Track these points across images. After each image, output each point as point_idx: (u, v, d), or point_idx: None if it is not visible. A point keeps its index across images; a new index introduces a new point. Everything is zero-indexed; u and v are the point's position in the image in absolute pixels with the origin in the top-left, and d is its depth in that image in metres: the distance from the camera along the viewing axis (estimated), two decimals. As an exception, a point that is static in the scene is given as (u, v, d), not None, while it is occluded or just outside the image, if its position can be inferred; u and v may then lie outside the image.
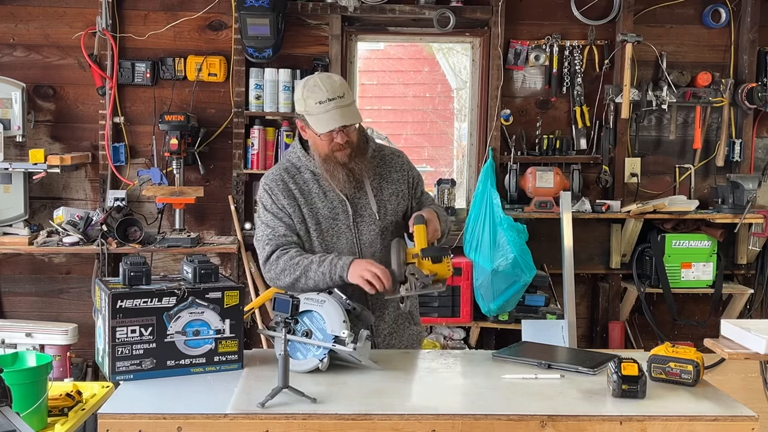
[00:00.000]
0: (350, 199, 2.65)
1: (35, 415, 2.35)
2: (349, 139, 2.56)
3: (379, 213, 2.66)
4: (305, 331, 2.38)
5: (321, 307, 2.38)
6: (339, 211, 2.65)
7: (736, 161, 4.80)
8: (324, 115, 2.51)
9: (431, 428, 2.03)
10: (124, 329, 2.26)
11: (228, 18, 4.68)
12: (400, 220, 2.73)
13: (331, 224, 2.64)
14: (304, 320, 2.40)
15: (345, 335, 2.31)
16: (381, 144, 2.81)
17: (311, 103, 2.52)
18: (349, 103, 2.55)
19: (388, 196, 2.70)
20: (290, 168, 2.70)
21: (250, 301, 4.26)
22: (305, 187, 2.66)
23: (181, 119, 4.42)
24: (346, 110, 2.53)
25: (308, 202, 2.65)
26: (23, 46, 4.68)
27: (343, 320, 2.34)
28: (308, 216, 2.64)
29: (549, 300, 4.59)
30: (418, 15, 4.64)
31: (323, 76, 2.58)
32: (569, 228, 4.47)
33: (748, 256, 4.83)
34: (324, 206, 2.64)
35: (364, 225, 2.66)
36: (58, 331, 4.08)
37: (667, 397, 2.21)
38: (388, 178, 2.72)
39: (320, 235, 2.64)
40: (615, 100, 4.69)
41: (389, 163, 2.75)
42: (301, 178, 2.67)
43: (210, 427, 2.02)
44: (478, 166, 4.81)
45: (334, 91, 2.51)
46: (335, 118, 2.51)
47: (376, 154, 2.73)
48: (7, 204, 4.43)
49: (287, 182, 2.66)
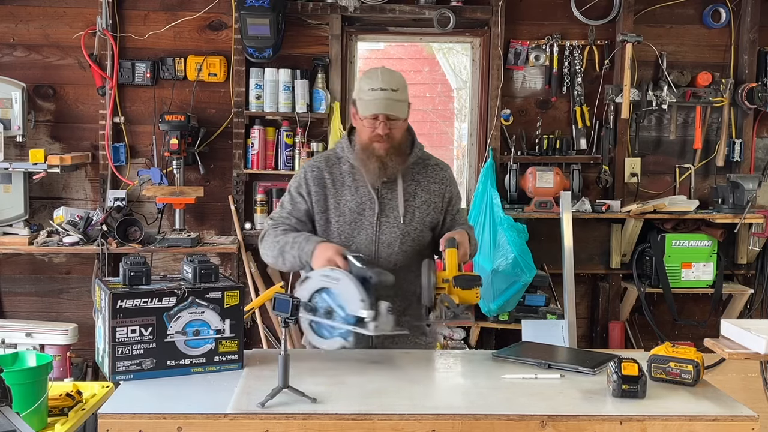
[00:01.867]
0: (379, 197, 2.65)
1: (35, 415, 2.35)
2: (390, 133, 2.57)
3: (405, 217, 2.65)
4: (326, 310, 2.34)
5: (337, 284, 2.34)
6: (366, 207, 2.65)
7: (736, 161, 4.80)
8: (371, 101, 2.54)
9: (431, 428, 2.03)
10: (124, 329, 2.26)
11: (228, 18, 4.68)
12: (426, 231, 2.71)
13: (355, 218, 2.65)
14: (324, 297, 2.36)
15: (365, 315, 2.26)
16: (430, 154, 2.80)
17: (364, 87, 2.56)
18: (401, 99, 2.57)
19: (419, 204, 2.69)
20: (332, 157, 2.73)
21: (250, 301, 4.27)
22: (340, 177, 2.67)
23: (181, 119, 4.43)
24: (394, 103, 2.55)
25: (337, 192, 2.66)
26: (23, 46, 4.69)
27: (360, 299, 2.28)
28: (333, 206, 2.65)
29: (549, 300, 4.59)
30: (418, 15, 4.64)
31: (385, 69, 2.61)
32: (569, 228, 4.47)
33: (748, 256, 4.83)
34: (353, 199, 2.65)
35: (387, 225, 2.65)
36: (58, 331, 4.08)
37: (667, 397, 2.21)
38: (425, 186, 2.71)
39: (341, 226, 2.65)
40: (615, 100, 4.69)
41: (431, 173, 2.74)
42: (338, 169, 2.69)
43: (210, 427, 2.02)
44: (478, 166, 4.81)
45: (388, 83, 2.54)
46: (380, 105, 2.54)
47: (420, 161, 2.73)
48: (7, 204, 4.43)
49: (323, 170, 2.69)
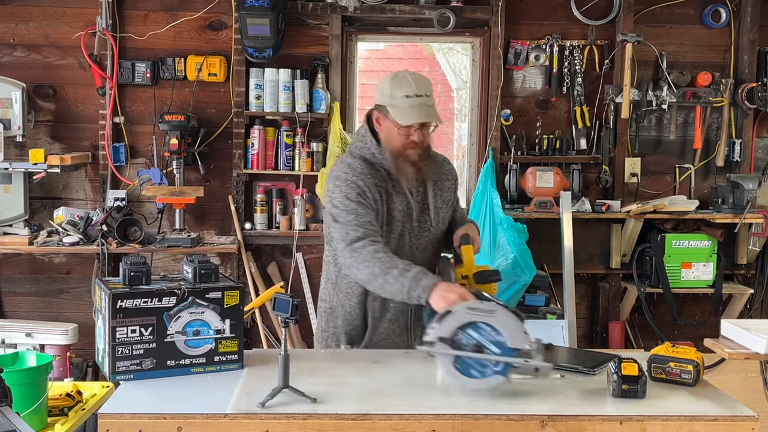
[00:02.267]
0: (415, 202, 2.64)
1: (35, 415, 2.36)
2: (423, 139, 2.57)
3: (434, 220, 2.67)
4: (475, 346, 2.16)
5: (492, 317, 2.15)
6: (405, 213, 2.63)
7: (736, 161, 4.80)
8: (409, 109, 2.51)
9: (431, 428, 2.03)
10: (124, 329, 2.26)
11: (228, 18, 4.68)
12: (444, 230, 2.73)
13: (397, 226, 2.62)
14: (469, 333, 2.17)
15: (532, 347, 2.12)
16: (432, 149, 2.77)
17: (398, 95, 2.52)
18: (433, 104, 2.56)
19: (441, 204, 2.70)
20: (374, 163, 2.61)
21: (250, 301, 4.27)
22: (382, 183, 2.61)
23: (181, 119, 4.42)
24: (431, 109, 2.55)
25: (389, 199, 2.61)
26: (23, 46, 4.69)
27: (524, 331, 2.14)
28: (386, 215, 2.61)
29: (549, 300, 4.58)
30: (418, 15, 4.64)
31: (414, 73, 2.59)
32: (569, 228, 4.47)
33: (748, 256, 4.83)
34: (394, 207, 2.62)
35: (422, 230, 2.66)
36: (58, 331, 4.08)
37: (667, 397, 2.21)
38: (442, 185, 2.72)
39: (391, 233, 2.61)
40: (615, 100, 4.69)
41: (442, 169, 2.74)
42: (379, 176, 2.61)
43: (210, 427, 2.02)
44: (478, 166, 4.81)
45: (422, 89, 2.52)
46: (420, 113, 2.52)
47: (432, 159, 2.72)
48: (7, 204, 4.43)
49: (374, 177, 2.58)
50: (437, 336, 2.18)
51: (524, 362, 2.12)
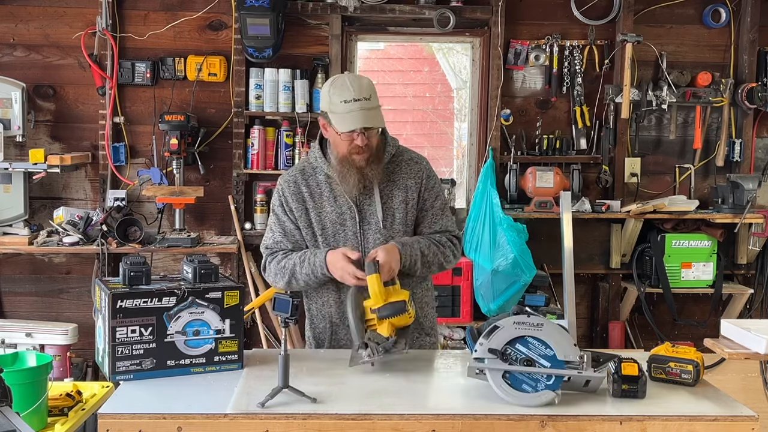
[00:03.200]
0: (358, 205, 2.61)
1: (35, 415, 2.35)
2: (369, 143, 2.53)
3: (385, 222, 2.61)
4: (524, 360, 2.14)
5: (539, 331, 2.15)
6: (347, 216, 2.62)
7: (736, 161, 4.80)
8: (347, 115, 2.47)
9: (431, 428, 2.03)
10: (124, 329, 2.26)
11: (228, 18, 4.68)
12: (410, 231, 2.67)
13: (338, 229, 2.62)
14: (518, 348, 2.15)
15: (579, 360, 2.11)
16: (404, 148, 2.73)
17: (336, 101, 2.49)
18: (375, 107, 2.50)
19: (397, 204, 2.64)
20: (307, 169, 2.68)
21: (250, 301, 4.27)
22: (317, 189, 2.64)
23: (181, 119, 4.42)
24: (371, 113, 2.49)
25: (317, 205, 2.63)
26: (23, 46, 4.69)
27: (573, 343, 2.14)
28: (315, 220, 2.63)
29: (549, 300, 4.54)
30: (418, 15, 4.64)
31: (352, 76, 2.54)
32: (569, 228, 4.47)
33: (748, 256, 4.83)
34: (332, 211, 2.62)
35: (370, 233, 2.62)
36: (58, 331, 4.08)
37: (667, 397, 2.21)
38: (401, 184, 2.65)
39: (326, 239, 2.62)
40: (615, 100, 4.69)
41: (405, 169, 2.67)
42: (314, 180, 2.65)
43: (210, 427, 2.02)
44: (478, 166, 4.81)
45: (360, 92, 2.47)
46: (358, 118, 2.47)
47: (394, 159, 2.66)
48: (7, 204, 4.43)
49: (299, 184, 2.65)
50: (487, 348, 2.15)
51: (576, 374, 2.11)
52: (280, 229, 2.66)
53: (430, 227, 2.69)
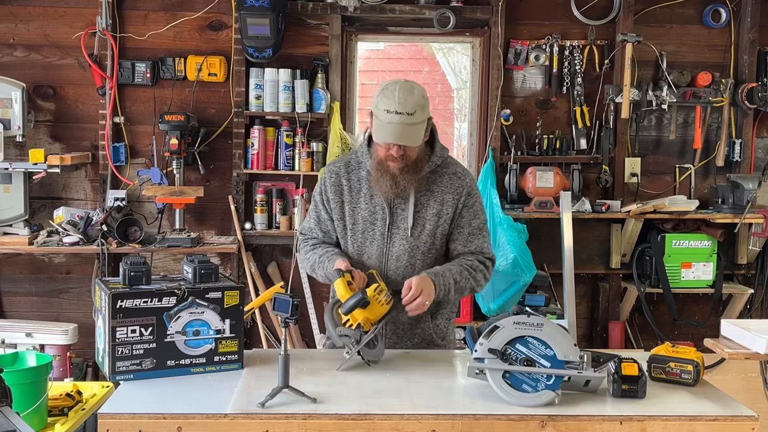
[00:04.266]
0: (392, 208, 2.62)
1: (35, 415, 2.35)
2: (405, 154, 2.52)
3: (413, 230, 2.61)
4: (524, 360, 2.15)
5: (539, 331, 2.15)
6: (378, 217, 2.63)
7: (736, 161, 4.80)
8: (385, 125, 2.47)
9: (431, 428, 2.03)
10: (124, 329, 2.26)
11: (228, 18, 4.68)
12: (438, 244, 2.65)
13: (367, 227, 2.64)
14: (518, 348, 2.16)
15: (579, 360, 2.12)
16: (452, 160, 2.71)
17: (381, 107, 2.48)
18: (416, 123, 2.47)
19: (429, 216, 2.63)
20: (352, 162, 2.71)
21: (250, 301, 4.27)
22: (357, 185, 2.66)
23: (181, 119, 4.42)
24: (409, 129, 2.47)
25: (353, 200, 2.66)
26: (23, 46, 4.68)
27: (574, 343, 2.15)
28: (348, 214, 2.66)
29: (549, 300, 4.58)
30: (418, 15, 4.64)
31: (406, 86, 2.50)
32: (569, 228, 4.47)
33: (748, 256, 4.83)
34: (366, 208, 2.64)
35: (397, 237, 2.63)
36: (58, 331, 4.08)
37: (667, 397, 2.21)
38: (438, 197, 2.63)
39: (354, 235, 2.65)
40: (615, 100, 4.69)
41: (447, 182, 2.65)
42: (356, 175, 2.67)
43: (210, 427, 2.02)
44: (478, 166, 4.81)
45: (405, 107, 2.44)
46: (393, 133, 2.47)
47: (438, 170, 2.65)
48: (7, 204, 4.43)
49: (341, 176, 2.68)
50: (487, 348, 2.15)
51: (576, 374, 2.12)
52: (315, 216, 2.73)
53: (465, 246, 2.68)
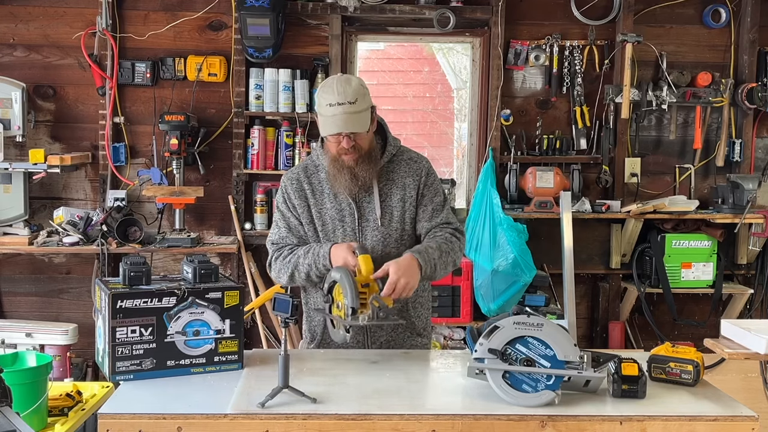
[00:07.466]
0: (357, 202, 2.63)
1: (35, 415, 2.35)
2: (356, 144, 2.53)
3: (383, 219, 2.63)
4: (524, 360, 2.14)
5: (539, 331, 2.15)
6: (346, 213, 2.64)
7: (736, 161, 4.80)
8: (329, 118, 2.49)
9: (431, 428, 2.03)
10: (124, 329, 2.26)
11: (228, 18, 4.68)
12: (408, 229, 2.68)
13: (336, 226, 2.64)
14: (518, 348, 2.16)
15: (579, 360, 2.12)
16: (405, 148, 2.74)
17: (322, 104, 2.50)
18: (359, 110, 2.49)
19: (395, 203, 2.65)
20: (310, 166, 2.71)
21: (250, 301, 4.27)
22: (318, 187, 2.67)
23: (181, 119, 4.43)
24: (353, 117, 2.48)
25: (318, 202, 2.66)
26: (23, 46, 4.69)
27: (574, 343, 2.14)
28: (316, 217, 2.66)
29: (549, 300, 4.55)
30: (418, 15, 4.64)
31: (342, 78, 2.53)
32: (569, 228, 4.47)
33: (748, 256, 4.83)
34: (332, 207, 2.65)
35: (368, 230, 2.64)
36: (58, 331, 4.08)
37: (667, 397, 2.21)
38: (399, 183, 2.66)
39: (326, 236, 2.65)
40: (615, 100, 4.69)
41: (404, 168, 2.68)
42: (316, 178, 2.68)
43: (210, 427, 2.02)
44: (478, 166, 4.81)
45: (345, 96, 2.46)
46: (337, 123, 2.48)
47: (395, 159, 2.68)
48: (7, 204, 4.43)
49: (302, 181, 2.68)
50: (487, 348, 2.15)
51: (576, 374, 2.12)
52: (285, 224, 2.69)
53: (431, 220, 2.69)
